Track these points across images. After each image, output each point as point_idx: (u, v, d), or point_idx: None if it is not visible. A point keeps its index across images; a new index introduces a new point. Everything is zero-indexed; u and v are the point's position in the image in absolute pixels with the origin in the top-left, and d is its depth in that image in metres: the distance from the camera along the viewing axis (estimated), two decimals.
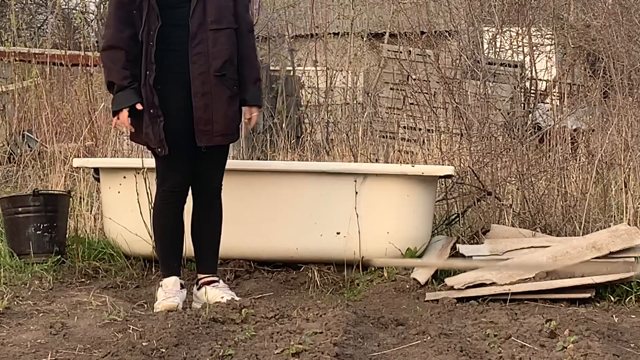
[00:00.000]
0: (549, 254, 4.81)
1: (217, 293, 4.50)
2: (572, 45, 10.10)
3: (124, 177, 5.27)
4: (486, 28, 9.75)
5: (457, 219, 5.95)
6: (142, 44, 4.34)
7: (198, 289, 4.59)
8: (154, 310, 4.39)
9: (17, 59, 9.81)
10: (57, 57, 9.77)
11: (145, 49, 4.33)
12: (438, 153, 7.12)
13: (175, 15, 4.38)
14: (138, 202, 5.16)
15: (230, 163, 4.92)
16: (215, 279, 4.60)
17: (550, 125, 7.22)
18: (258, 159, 8.69)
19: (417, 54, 9.75)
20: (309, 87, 11.69)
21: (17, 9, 14.33)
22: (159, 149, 4.37)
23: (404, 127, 9.37)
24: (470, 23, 9.32)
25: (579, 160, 6.70)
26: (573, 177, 6.37)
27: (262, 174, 5.29)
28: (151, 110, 4.33)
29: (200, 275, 4.62)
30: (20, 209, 5.40)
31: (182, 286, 4.52)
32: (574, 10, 11.16)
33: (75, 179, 6.78)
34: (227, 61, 4.41)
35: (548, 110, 8.55)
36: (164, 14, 4.34)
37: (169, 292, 4.45)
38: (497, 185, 6.11)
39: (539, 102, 9.67)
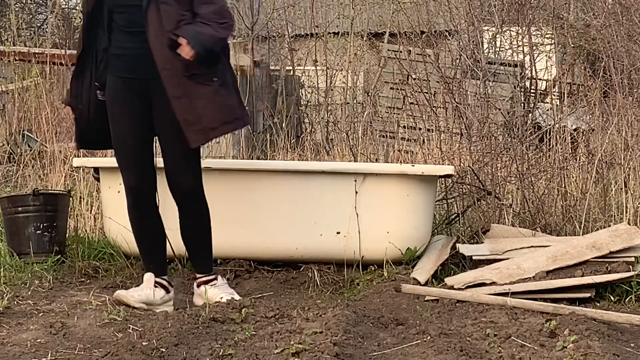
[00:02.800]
0: (549, 254, 4.81)
1: (216, 292, 4.49)
2: (572, 45, 10.10)
3: None
4: (486, 28, 9.74)
5: (457, 218, 5.95)
6: None
7: (197, 287, 4.59)
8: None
9: (17, 58, 9.81)
10: (57, 56, 9.77)
11: None
12: (438, 153, 7.12)
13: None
14: None
15: (231, 163, 4.93)
16: (212, 277, 4.59)
17: (550, 125, 7.22)
18: (258, 158, 8.69)
19: (417, 54, 9.77)
20: (309, 87, 11.70)
21: (17, 9, 14.32)
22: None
23: (404, 127, 9.38)
24: (470, 23, 9.31)
25: (579, 160, 6.69)
26: (573, 177, 6.36)
27: (262, 174, 5.29)
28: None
29: (197, 275, 4.62)
30: (20, 209, 5.40)
31: (165, 288, 4.51)
32: (574, 10, 11.17)
33: (75, 178, 6.78)
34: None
35: (548, 110, 8.55)
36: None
37: (140, 287, 4.48)
38: (497, 185, 6.11)
39: (539, 102, 9.67)
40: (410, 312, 4.46)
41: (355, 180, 5.17)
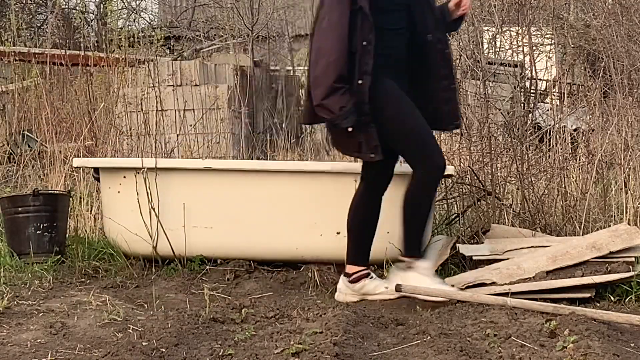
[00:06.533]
0: (549, 254, 4.81)
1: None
2: (572, 45, 10.10)
3: (124, 177, 5.27)
4: (486, 28, 9.74)
5: (457, 218, 5.95)
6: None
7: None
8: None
9: (17, 59, 9.83)
10: (57, 57, 9.79)
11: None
12: None
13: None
14: (138, 202, 5.16)
15: (231, 163, 4.93)
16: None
17: (550, 125, 7.22)
18: (258, 158, 8.70)
19: None
20: None
21: (17, 9, 14.34)
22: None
23: None
24: (470, 23, 9.31)
25: (579, 160, 6.69)
26: (573, 177, 6.36)
27: (262, 174, 5.29)
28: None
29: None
30: (20, 209, 5.40)
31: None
32: (574, 10, 11.17)
33: (75, 179, 6.79)
34: None
35: (548, 110, 8.54)
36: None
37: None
38: (497, 185, 6.11)
39: (539, 102, 9.67)
40: (410, 312, 4.46)
41: (355, 180, 5.16)
